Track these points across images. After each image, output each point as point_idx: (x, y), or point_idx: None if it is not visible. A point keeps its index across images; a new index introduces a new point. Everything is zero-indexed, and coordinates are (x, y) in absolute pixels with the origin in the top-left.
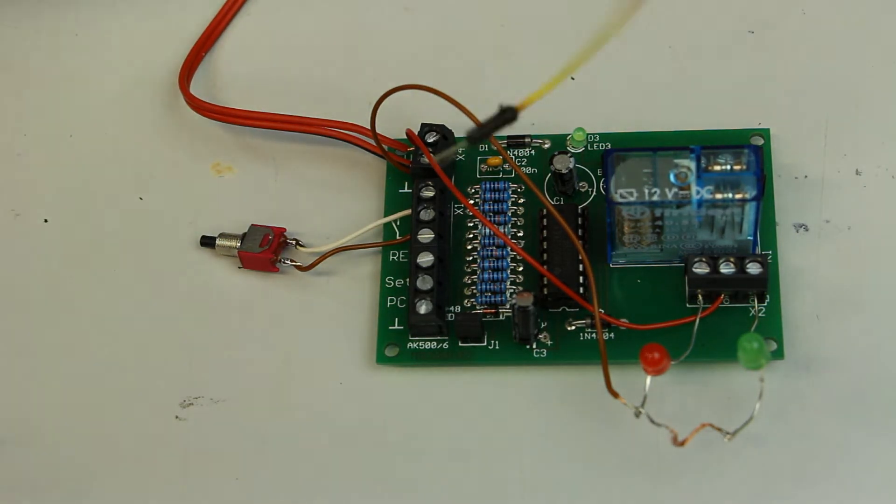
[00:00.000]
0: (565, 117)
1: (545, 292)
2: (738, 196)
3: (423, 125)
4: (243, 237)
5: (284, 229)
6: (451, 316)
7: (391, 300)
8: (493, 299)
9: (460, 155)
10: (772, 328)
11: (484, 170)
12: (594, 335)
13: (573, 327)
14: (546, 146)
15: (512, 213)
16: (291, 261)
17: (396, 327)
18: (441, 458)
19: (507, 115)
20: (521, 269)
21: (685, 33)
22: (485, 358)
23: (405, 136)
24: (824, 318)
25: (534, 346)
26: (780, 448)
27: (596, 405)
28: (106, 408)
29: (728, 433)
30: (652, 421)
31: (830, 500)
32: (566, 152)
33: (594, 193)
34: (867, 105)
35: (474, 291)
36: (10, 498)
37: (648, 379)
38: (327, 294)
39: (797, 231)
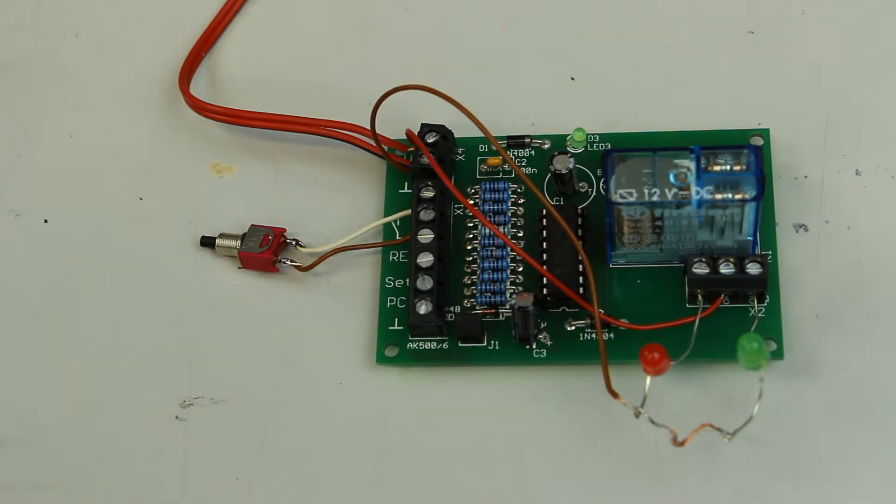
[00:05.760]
0: (565, 117)
1: (545, 292)
2: (737, 196)
3: (423, 125)
4: (243, 237)
5: (284, 229)
6: (451, 316)
7: (391, 300)
8: (493, 299)
9: (460, 155)
10: (771, 328)
11: (484, 170)
12: (594, 335)
13: (573, 327)
14: (546, 146)
15: (512, 213)
16: (291, 261)
17: (396, 327)
18: (441, 458)
19: None
20: (521, 269)
21: (685, 33)
22: (485, 358)
23: (405, 136)
24: (824, 318)
25: (534, 347)
26: (780, 448)
27: (596, 405)
28: (106, 408)
29: (728, 433)
30: (652, 421)
31: (830, 500)
32: (566, 152)
33: (594, 193)
34: (867, 105)
35: (474, 291)
36: (10, 498)
37: (648, 379)
38: (327, 294)
39: (797, 231)
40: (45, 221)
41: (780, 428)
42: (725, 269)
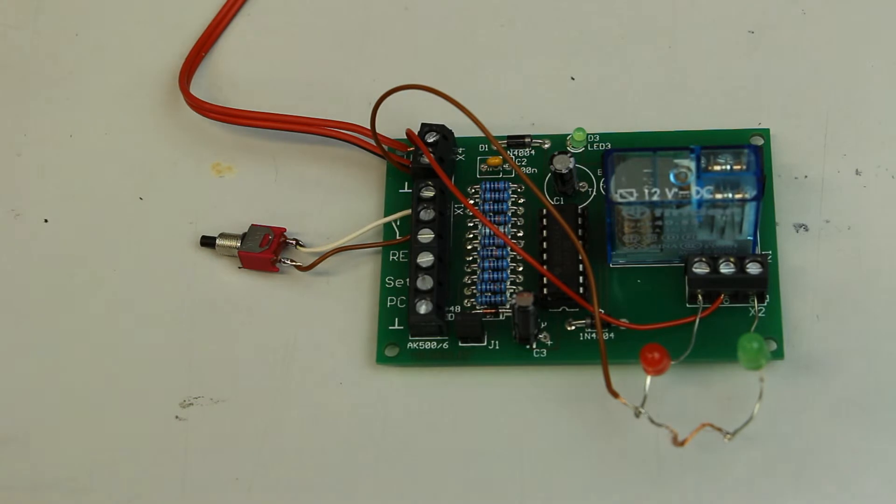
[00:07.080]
0: (565, 117)
1: (545, 292)
2: (738, 196)
3: (423, 125)
4: (243, 237)
5: (284, 229)
6: (451, 316)
7: (391, 300)
8: (493, 299)
9: (460, 155)
10: (772, 328)
11: (484, 170)
12: (594, 335)
13: (573, 327)
14: (546, 146)
15: (512, 213)
16: (291, 261)
17: (396, 327)
18: (441, 458)
19: None
20: (521, 269)
21: (685, 33)
22: (485, 358)
23: (405, 136)
24: (824, 318)
25: (534, 346)
26: (780, 448)
27: (596, 405)
28: (106, 408)
29: (728, 433)
30: (652, 421)
31: (830, 500)
32: (566, 152)
33: (594, 193)
34: (867, 105)
35: (474, 291)
36: (10, 498)
37: (648, 379)
38: (327, 294)
39: (797, 231)
40: (45, 221)
41: (781, 428)
42: (725, 268)
